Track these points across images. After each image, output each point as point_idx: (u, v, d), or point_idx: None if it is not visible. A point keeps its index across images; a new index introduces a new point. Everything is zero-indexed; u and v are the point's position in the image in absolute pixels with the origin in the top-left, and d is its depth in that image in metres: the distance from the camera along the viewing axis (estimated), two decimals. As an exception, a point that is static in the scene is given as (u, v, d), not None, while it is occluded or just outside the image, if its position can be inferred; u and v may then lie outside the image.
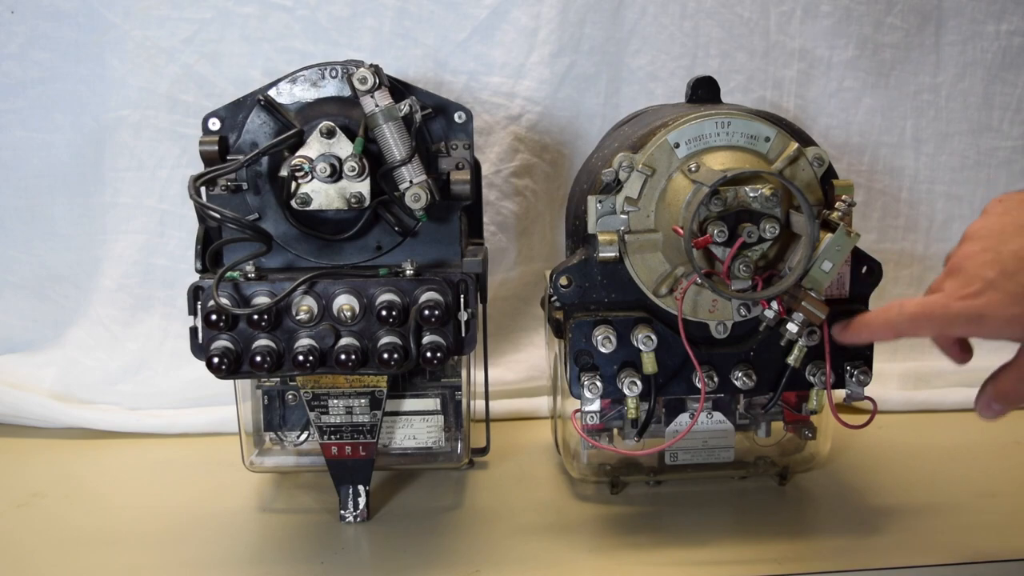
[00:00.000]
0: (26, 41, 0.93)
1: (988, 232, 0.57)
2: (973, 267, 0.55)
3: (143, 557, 0.68)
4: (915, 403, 0.97)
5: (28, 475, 0.84)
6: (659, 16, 0.97)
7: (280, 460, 0.79)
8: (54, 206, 0.97)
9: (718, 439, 0.75)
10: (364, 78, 0.65)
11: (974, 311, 0.55)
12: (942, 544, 0.68)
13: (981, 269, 0.55)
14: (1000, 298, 0.54)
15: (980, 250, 0.56)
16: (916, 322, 0.57)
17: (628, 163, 0.66)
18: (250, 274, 0.67)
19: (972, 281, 0.55)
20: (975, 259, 0.56)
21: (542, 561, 0.67)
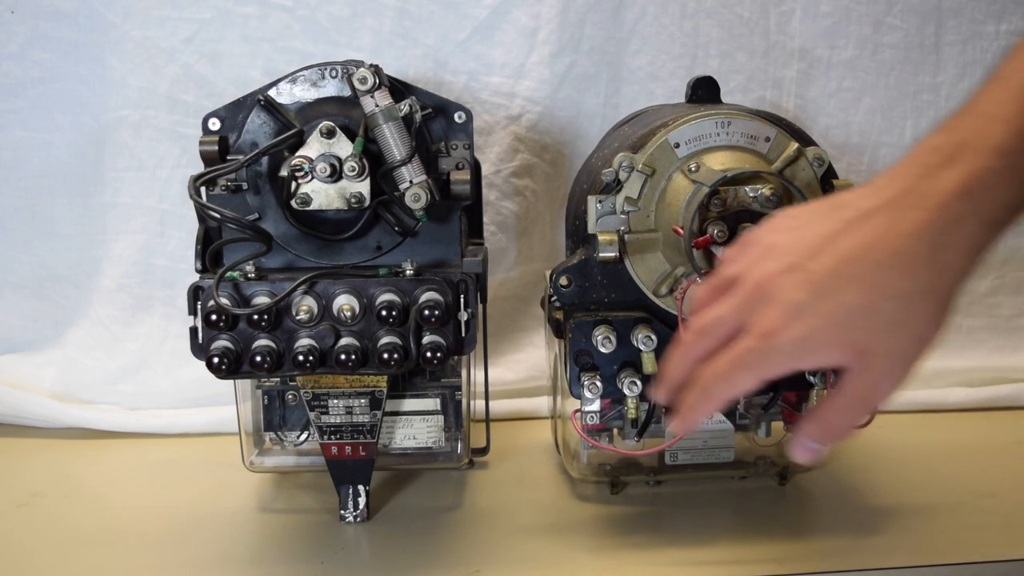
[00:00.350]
0: (26, 41, 0.93)
1: (790, 248, 0.50)
2: (781, 292, 0.49)
3: (143, 557, 0.68)
4: (915, 403, 0.97)
5: (28, 475, 0.84)
6: (659, 16, 0.97)
7: (280, 460, 0.79)
8: (54, 206, 0.97)
9: (718, 439, 0.75)
10: (364, 78, 0.65)
11: (791, 344, 0.48)
12: (942, 544, 0.68)
13: (791, 293, 0.48)
14: (822, 323, 0.48)
15: (784, 270, 0.49)
16: (732, 379, 0.50)
17: (628, 163, 0.66)
18: (250, 274, 0.67)
19: (783, 309, 0.48)
20: (782, 282, 0.49)
21: (542, 561, 0.67)
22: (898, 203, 0.48)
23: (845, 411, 0.50)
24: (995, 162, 0.47)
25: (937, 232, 0.47)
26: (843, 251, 0.48)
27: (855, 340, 0.48)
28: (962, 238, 0.48)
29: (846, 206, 0.50)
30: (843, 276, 0.48)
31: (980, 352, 1.04)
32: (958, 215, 0.47)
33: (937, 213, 0.47)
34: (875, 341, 0.48)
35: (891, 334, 0.48)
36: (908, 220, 0.48)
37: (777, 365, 0.49)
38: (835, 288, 0.48)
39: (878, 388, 0.49)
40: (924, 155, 0.49)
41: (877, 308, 0.48)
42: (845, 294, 0.48)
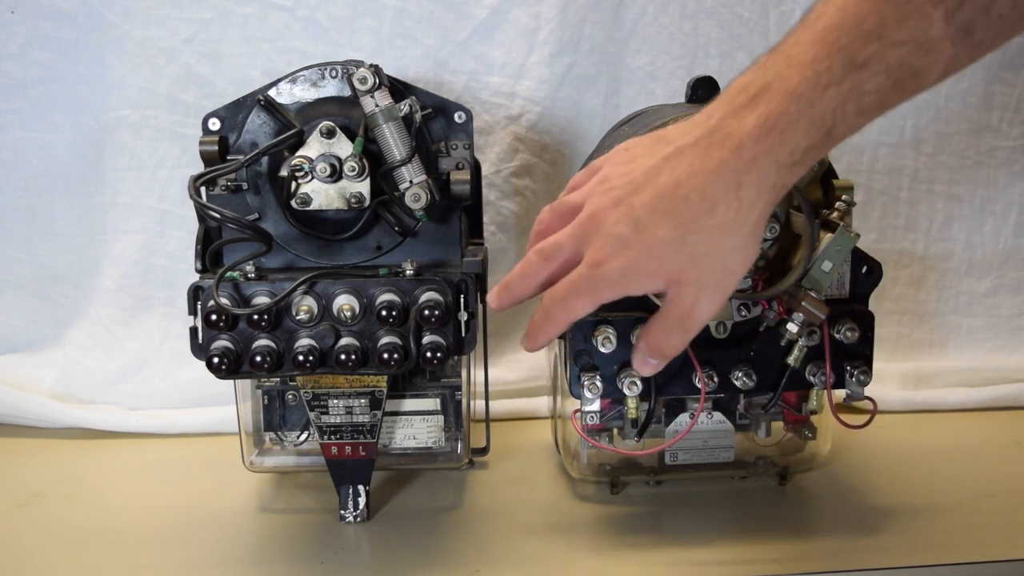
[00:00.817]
0: (26, 41, 0.93)
1: (619, 182, 0.55)
2: (608, 225, 0.54)
3: (143, 557, 0.68)
4: (915, 403, 0.97)
5: (28, 475, 0.84)
6: (659, 16, 0.97)
7: (280, 460, 0.79)
8: (54, 206, 0.97)
9: (718, 439, 0.75)
10: (364, 78, 0.65)
11: (616, 274, 0.53)
12: (942, 544, 0.68)
13: (615, 227, 0.53)
14: (639, 255, 0.53)
15: (612, 204, 0.54)
16: (568, 304, 0.55)
17: (628, 163, 0.66)
18: (250, 274, 0.67)
19: (608, 241, 0.53)
20: (609, 216, 0.54)
21: (542, 561, 0.67)
22: (706, 141, 0.52)
23: (668, 332, 0.55)
24: (790, 106, 0.50)
25: (736, 172, 0.51)
26: (659, 187, 0.53)
27: (667, 270, 0.53)
28: (758, 177, 0.51)
29: (668, 141, 0.54)
30: (658, 211, 0.52)
31: (980, 352, 1.04)
32: (755, 156, 0.51)
33: (735, 153, 0.51)
34: (684, 272, 0.53)
35: (698, 265, 0.53)
36: (712, 159, 0.52)
37: (606, 292, 0.54)
38: (651, 222, 0.52)
39: (692, 313, 0.54)
40: (734, 93, 0.52)
41: (684, 242, 0.52)
42: (659, 228, 0.52)
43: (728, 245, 0.52)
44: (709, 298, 0.54)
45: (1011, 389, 0.98)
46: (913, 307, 1.04)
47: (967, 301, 1.04)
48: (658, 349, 0.56)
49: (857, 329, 0.67)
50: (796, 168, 0.51)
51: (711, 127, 0.52)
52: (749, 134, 0.51)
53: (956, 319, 1.05)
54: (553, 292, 0.56)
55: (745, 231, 0.52)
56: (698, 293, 0.53)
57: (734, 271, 0.53)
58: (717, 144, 0.52)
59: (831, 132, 0.50)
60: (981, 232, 1.03)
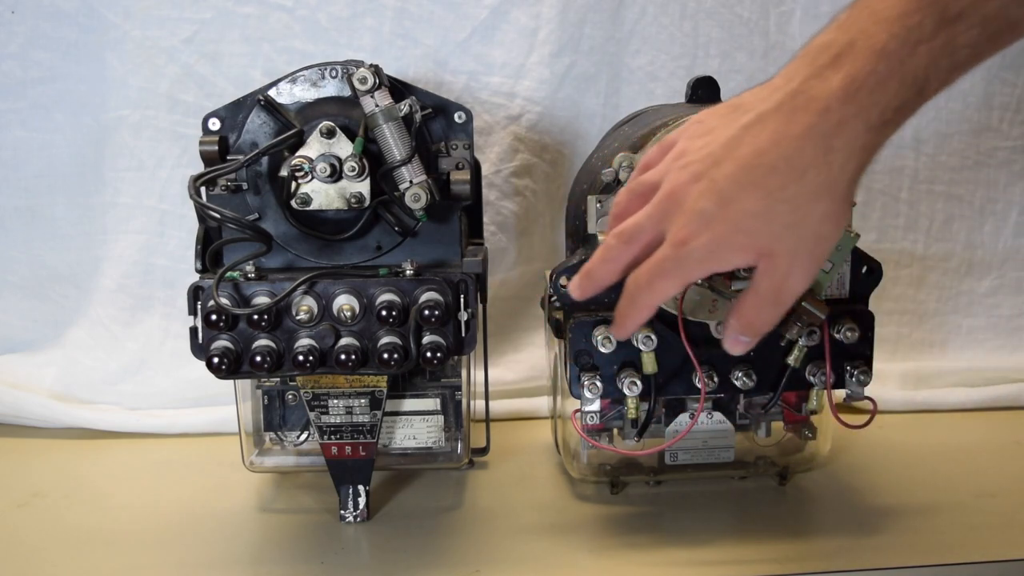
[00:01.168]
0: (26, 41, 0.93)
1: (698, 155, 0.52)
2: (690, 201, 0.51)
3: (143, 557, 0.68)
4: (915, 403, 0.97)
5: (28, 475, 0.84)
6: (659, 16, 0.97)
7: (280, 460, 0.79)
8: (54, 206, 0.97)
9: (718, 439, 0.75)
10: (364, 78, 0.65)
11: (703, 251, 0.51)
12: (942, 544, 0.68)
13: (698, 202, 0.51)
14: (727, 230, 0.51)
15: (692, 179, 0.52)
16: (655, 286, 0.53)
17: (628, 163, 0.66)
18: (250, 274, 0.67)
19: (692, 218, 0.51)
20: (690, 191, 0.52)
21: (542, 561, 0.67)
22: (789, 105, 0.50)
23: (761, 307, 0.53)
24: (878, 64, 0.48)
25: (824, 136, 0.49)
26: (741, 158, 0.50)
27: (757, 243, 0.51)
28: (848, 140, 0.49)
29: (745, 109, 0.52)
30: (742, 183, 0.50)
31: (980, 352, 1.04)
32: (843, 118, 0.48)
33: (822, 116, 0.49)
34: (775, 242, 0.51)
35: (789, 235, 0.50)
36: (797, 123, 0.49)
37: (693, 270, 0.52)
38: (736, 195, 0.50)
39: (786, 284, 0.52)
40: (815, 52, 0.50)
41: (774, 212, 0.50)
42: (745, 201, 0.50)
43: (820, 212, 0.50)
44: (803, 268, 0.51)
45: (1011, 389, 0.98)
46: (913, 307, 1.04)
47: (967, 301, 1.04)
48: (751, 325, 0.54)
49: (857, 329, 0.67)
50: (887, 128, 0.49)
51: (793, 90, 0.50)
52: (835, 95, 0.48)
53: (956, 319, 1.05)
54: (637, 276, 0.54)
55: (837, 195, 0.50)
56: (792, 264, 0.51)
57: (828, 238, 0.51)
58: (801, 107, 0.49)
59: (923, 90, 0.48)
60: (981, 232, 1.03)
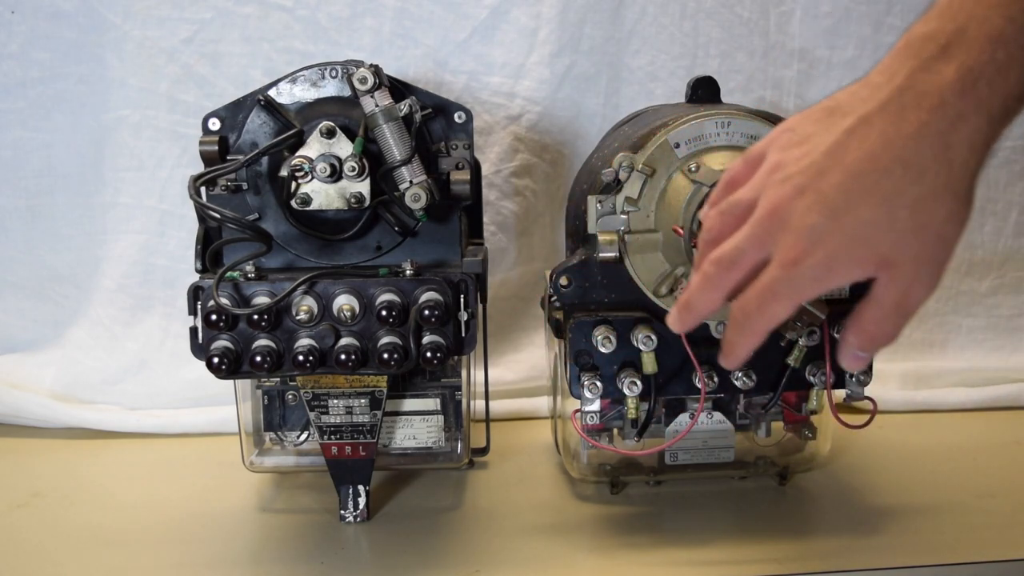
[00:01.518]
0: (26, 41, 0.93)
1: (797, 167, 0.48)
2: (796, 218, 0.47)
3: (143, 557, 0.68)
4: (915, 403, 0.97)
5: (28, 475, 0.84)
6: (659, 16, 0.97)
7: (280, 460, 0.79)
8: (54, 206, 0.97)
9: (718, 439, 0.75)
10: (364, 78, 0.65)
11: (818, 269, 0.48)
12: (942, 544, 0.68)
13: (806, 217, 0.47)
14: (842, 243, 0.47)
15: (795, 193, 0.48)
16: (767, 312, 0.49)
17: (628, 163, 0.66)
18: (250, 274, 0.67)
19: (802, 235, 0.47)
20: (795, 207, 0.48)
21: (542, 561, 0.67)
22: (896, 103, 0.46)
23: (884, 320, 0.49)
24: (996, 52, 0.44)
25: (941, 133, 0.45)
26: (849, 165, 0.47)
27: (878, 253, 0.47)
28: (968, 135, 0.45)
29: (844, 112, 0.48)
30: (854, 191, 0.47)
31: (980, 352, 1.04)
32: (960, 113, 0.45)
33: (939, 113, 0.45)
34: (897, 251, 0.47)
35: (912, 241, 0.47)
36: (909, 122, 0.46)
37: (808, 290, 0.49)
38: (848, 205, 0.47)
39: (911, 294, 0.48)
40: (918, 44, 0.46)
41: (893, 218, 0.46)
42: (859, 210, 0.46)
43: (943, 213, 0.46)
44: (929, 274, 0.48)
45: (1011, 389, 0.98)
46: (913, 307, 1.04)
47: (967, 301, 1.04)
48: (873, 340, 0.50)
49: (857, 329, 0.67)
50: (1005, 119, 0.45)
51: (899, 86, 0.46)
52: (951, 88, 0.45)
53: (956, 319, 1.05)
54: (745, 302, 0.50)
55: (960, 193, 0.46)
56: (917, 271, 0.48)
57: (951, 239, 0.48)
58: (912, 105, 0.46)
59: None
60: (981, 232, 1.03)
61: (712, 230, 0.52)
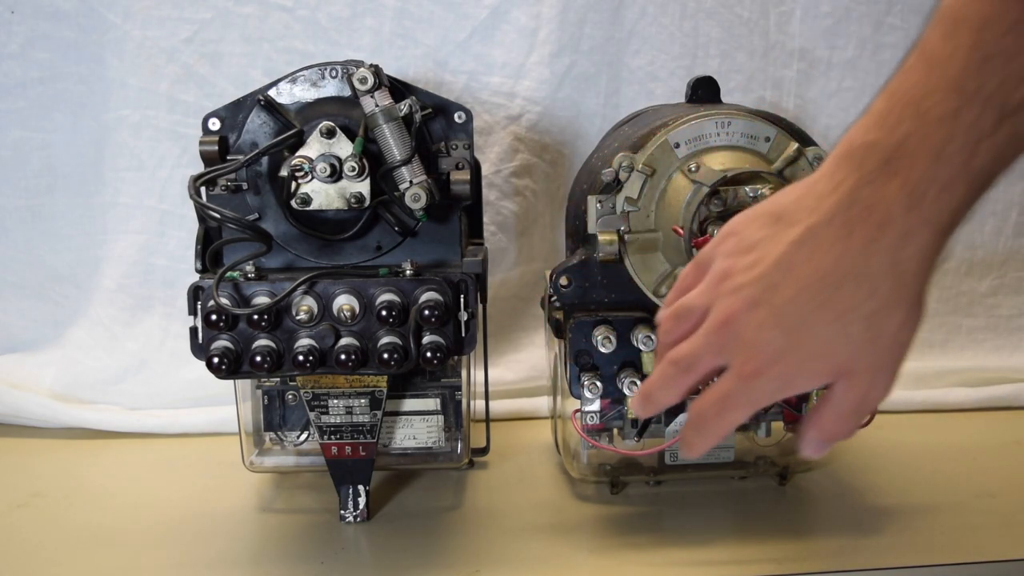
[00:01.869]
0: (26, 41, 0.93)
1: (746, 277, 0.49)
2: (750, 332, 0.48)
3: (143, 557, 0.68)
4: (915, 403, 0.97)
5: (28, 475, 0.84)
6: (659, 16, 0.97)
7: (280, 460, 0.79)
8: (54, 206, 0.97)
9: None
10: (364, 78, 0.65)
11: (775, 383, 0.49)
12: (942, 544, 0.68)
13: (761, 332, 0.48)
14: (799, 359, 0.48)
15: (747, 306, 0.48)
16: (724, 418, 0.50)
17: (628, 163, 0.66)
18: (250, 274, 0.67)
19: (758, 350, 0.48)
20: (749, 320, 0.48)
21: (542, 561, 0.67)
22: (843, 217, 0.46)
23: (842, 420, 0.50)
24: (939, 170, 0.44)
25: (890, 249, 0.45)
26: (801, 279, 0.47)
27: (835, 366, 0.48)
28: (917, 250, 0.45)
29: (790, 220, 0.48)
30: (808, 307, 0.47)
31: (980, 352, 1.04)
32: (908, 229, 0.45)
33: (886, 229, 0.45)
34: (853, 362, 0.48)
35: (868, 352, 0.47)
36: (858, 237, 0.46)
37: (765, 401, 0.50)
38: (803, 321, 0.47)
39: (868, 398, 0.49)
40: (860, 155, 0.46)
41: (848, 332, 0.47)
42: (814, 325, 0.47)
43: (896, 323, 0.47)
44: (886, 378, 0.49)
45: (1011, 389, 0.98)
46: (913, 307, 1.04)
47: (967, 301, 1.04)
48: (832, 436, 0.51)
49: (857, 329, 0.67)
50: (953, 229, 0.45)
51: (844, 199, 0.46)
52: (897, 204, 0.44)
53: (956, 319, 1.05)
54: (703, 408, 0.51)
55: (911, 304, 0.47)
56: (874, 378, 0.48)
57: (905, 344, 0.48)
58: (859, 219, 0.45)
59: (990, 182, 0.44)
60: (981, 232, 1.03)
61: (668, 333, 0.53)
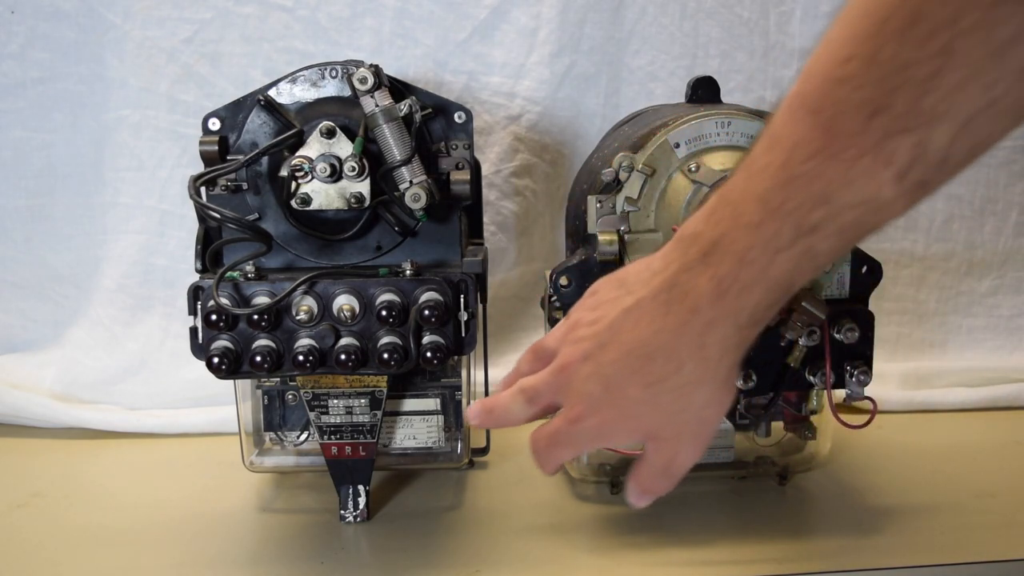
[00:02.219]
0: (26, 41, 0.93)
1: (587, 332, 0.54)
2: (578, 382, 0.53)
3: (143, 557, 0.68)
4: (915, 403, 0.97)
5: (28, 475, 0.84)
6: (659, 16, 0.97)
7: (280, 460, 0.79)
8: (54, 206, 0.97)
9: (718, 439, 0.75)
10: (364, 78, 0.65)
11: (593, 431, 0.54)
12: (942, 544, 0.68)
13: (586, 384, 0.53)
14: (613, 415, 0.53)
15: (581, 358, 0.53)
16: (552, 453, 0.56)
17: (628, 163, 0.66)
18: (250, 274, 0.67)
19: (581, 399, 0.53)
20: (579, 371, 0.53)
21: (542, 561, 0.67)
22: (665, 296, 0.50)
23: (656, 478, 0.55)
24: (741, 271, 0.47)
25: (697, 333, 0.49)
26: (624, 344, 0.52)
27: (642, 427, 0.53)
28: (720, 338, 0.49)
29: (628, 289, 0.53)
30: (625, 371, 0.51)
31: (980, 352, 1.04)
32: (712, 319, 0.49)
33: (695, 315, 0.49)
34: (659, 428, 0.53)
35: (674, 421, 0.52)
36: (672, 318, 0.50)
37: (586, 446, 0.56)
38: (620, 382, 0.52)
39: (674, 463, 0.54)
40: (687, 243, 0.50)
41: (657, 401, 0.51)
42: (629, 387, 0.51)
43: (701, 399, 0.52)
44: (689, 448, 0.54)
45: (1011, 389, 0.98)
46: (913, 307, 1.04)
47: (967, 301, 1.04)
48: (649, 492, 0.56)
49: (857, 329, 0.67)
50: (758, 325, 0.50)
51: (668, 280, 0.50)
52: (705, 295, 0.49)
53: (956, 319, 1.05)
54: (537, 440, 0.56)
55: (716, 383, 0.51)
56: (677, 446, 0.54)
57: (710, 421, 0.53)
58: (676, 301, 0.50)
59: (789, 289, 0.48)
60: (981, 232, 1.03)
61: (524, 362, 0.60)
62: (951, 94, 0.39)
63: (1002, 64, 0.38)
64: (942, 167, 0.42)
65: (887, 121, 0.41)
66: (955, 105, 0.39)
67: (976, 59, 0.38)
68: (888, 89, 0.40)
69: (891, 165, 0.42)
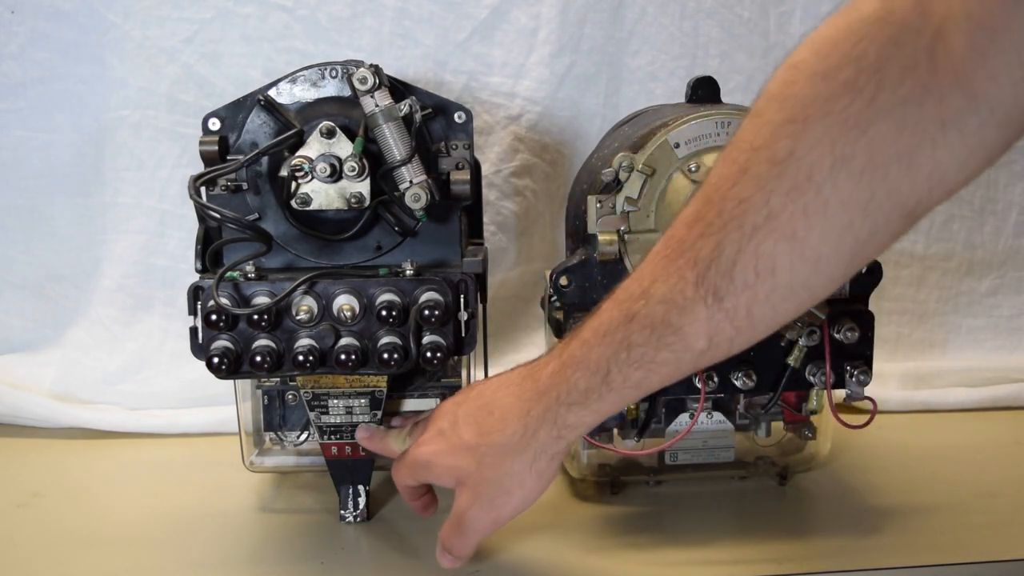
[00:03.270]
0: (26, 41, 0.93)
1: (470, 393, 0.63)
2: (439, 415, 0.63)
3: (143, 557, 0.68)
4: (915, 403, 0.97)
5: (28, 475, 0.84)
6: (659, 16, 0.97)
7: (280, 460, 0.79)
8: (54, 206, 0.97)
9: (718, 439, 0.75)
10: (364, 78, 0.65)
11: (423, 458, 0.62)
12: (942, 544, 0.68)
13: (440, 420, 0.62)
14: (443, 449, 0.60)
15: (451, 404, 0.63)
16: (400, 473, 0.65)
17: (628, 163, 0.66)
18: (250, 274, 0.67)
19: (432, 426, 0.62)
20: (444, 407, 0.63)
21: (542, 561, 0.67)
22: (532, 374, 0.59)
23: (452, 531, 0.61)
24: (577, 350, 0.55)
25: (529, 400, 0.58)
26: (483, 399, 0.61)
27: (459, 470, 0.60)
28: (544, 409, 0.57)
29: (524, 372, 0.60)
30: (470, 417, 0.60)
31: (980, 352, 1.04)
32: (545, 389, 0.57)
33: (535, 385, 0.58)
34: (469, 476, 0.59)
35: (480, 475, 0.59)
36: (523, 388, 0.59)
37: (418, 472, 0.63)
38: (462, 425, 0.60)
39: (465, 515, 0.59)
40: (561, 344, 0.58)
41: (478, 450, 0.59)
42: (465, 431, 0.60)
43: (509, 468, 0.57)
44: (481, 508, 0.59)
45: (1011, 389, 0.98)
46: (913, 307, 1.04)
47: (967, 301, 1.05)
48: (447, 546, 0.62)
49: (857, 329, 0.67)
50: (575, 408, 0.55)
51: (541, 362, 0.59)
52: (549, 371, 0.57)
53: (956, 319, 1.05)
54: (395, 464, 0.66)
55: (526, 459, 0.57)
56: (473, 499, 0.59)
57: (511, 494, 0.58)
58: (532, 376, 0.58)
59: (606, 378, 0.54)
60: (981, 232, 1.03)
61: None
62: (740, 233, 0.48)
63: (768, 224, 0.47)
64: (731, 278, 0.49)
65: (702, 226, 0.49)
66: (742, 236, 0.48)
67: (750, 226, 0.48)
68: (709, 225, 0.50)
69: (695, 267, 0.49)
